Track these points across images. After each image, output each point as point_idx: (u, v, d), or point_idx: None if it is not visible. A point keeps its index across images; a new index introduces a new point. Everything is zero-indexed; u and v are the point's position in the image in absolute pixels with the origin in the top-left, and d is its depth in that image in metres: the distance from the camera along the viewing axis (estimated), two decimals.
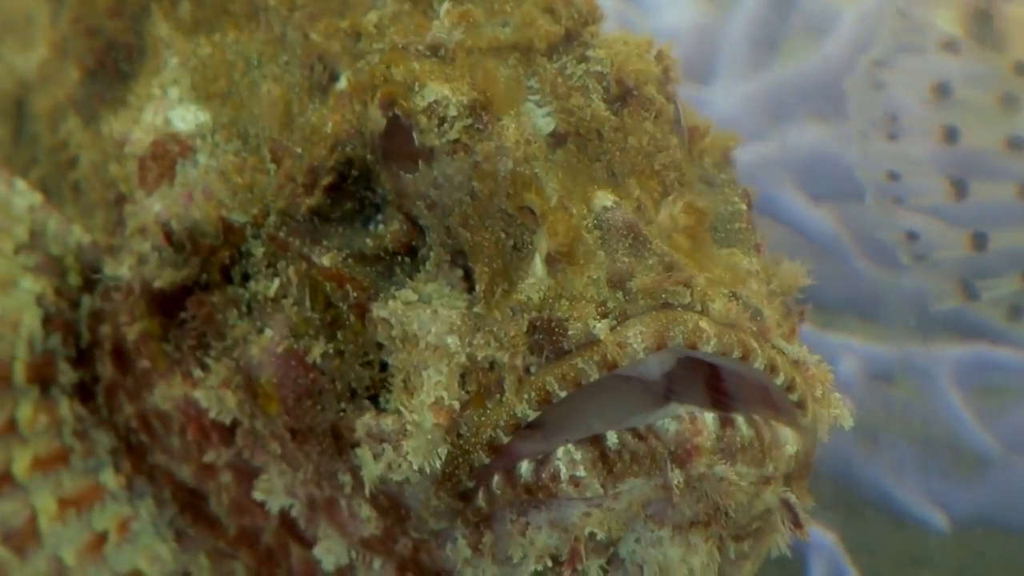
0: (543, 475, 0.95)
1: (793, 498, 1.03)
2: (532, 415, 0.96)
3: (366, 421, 1.06)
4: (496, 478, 0.98)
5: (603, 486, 0.94)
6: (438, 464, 1.00)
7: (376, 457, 1.05)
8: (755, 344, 0.99)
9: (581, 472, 0.93)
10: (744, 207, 1.25)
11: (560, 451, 0.95)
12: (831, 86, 2.44)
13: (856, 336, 2.42)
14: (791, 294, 1.23)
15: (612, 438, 0.94)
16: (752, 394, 1.03)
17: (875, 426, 2.38)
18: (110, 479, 1.40)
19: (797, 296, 1.25)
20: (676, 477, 0.92)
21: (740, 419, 0.97)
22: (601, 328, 0.94)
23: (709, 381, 1.03)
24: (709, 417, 0.95)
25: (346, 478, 1.11)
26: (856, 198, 2.23)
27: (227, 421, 1.21)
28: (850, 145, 2.44)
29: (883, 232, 2.07)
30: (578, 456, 0.94)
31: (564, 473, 0.94)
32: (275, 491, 1.21)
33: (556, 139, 1.08)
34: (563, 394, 0.94)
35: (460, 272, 1.07)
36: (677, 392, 0.99)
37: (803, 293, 1.27)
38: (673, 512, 0.95)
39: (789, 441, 1.01)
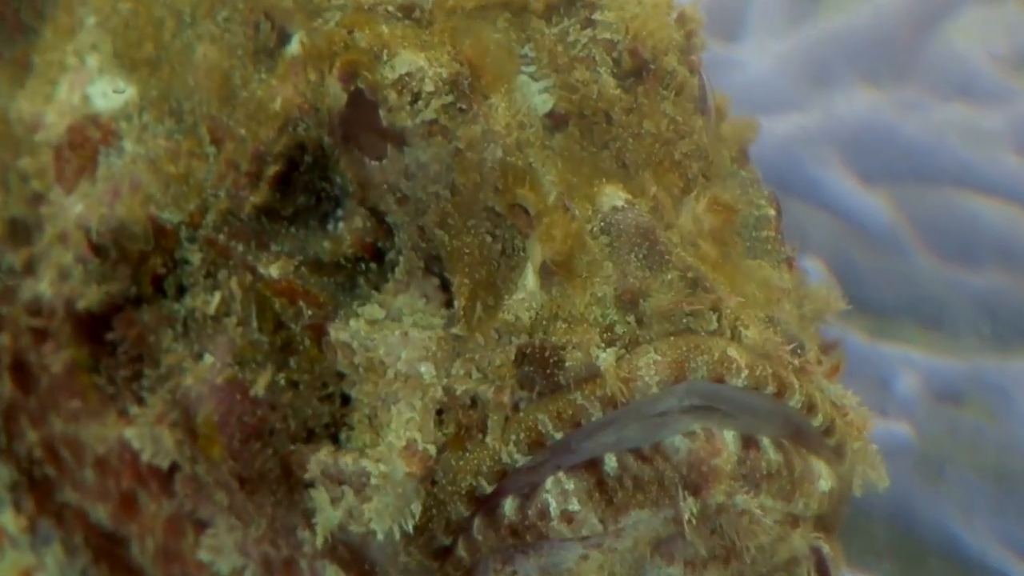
0: (530, 512, 0.94)
1: (826, 549, 1.03)
2: (521, 461, 0.95)
3: (322, 457, 1.06)
4: (477, 521, 0.98)
5: (602, 521, 0.93)
6: (410, 525, 0.99)
7: (334, 502, 1.04)
8: (792, 378, 0.98)
9: (575, 505, 0.93)
10: (772, 212, 1.24)
11: (549, 482, 0.94)
12: (885, 43, 2.45)
13: (917, 347, 2.41)
14: (822, 321, 1.23)
15: (611, 462, 0.93)
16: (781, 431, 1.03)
17: (940, 457, 2.34)
18: (9, 521, 1.39)
19: (828, 327, 1.25)
20: (689, 507, 0.92)
21: (766, 440, 0.96)
22: (606, 358, 0.93)
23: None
24: (729, 435, 0.94)
25: (306, 535, 1.10)
26: (917, 179, 2.24)
27: (164, 465, 1.20)
28: (910, 114, 2.45)
29: (951, 221, 2.07)
30: (570, 486, 0.93)
31: (554, 508, 0.93)
32: (224, 549, 1.20)
33: (555, 122, 1.07)
34: (558, 436, 0.93)
35: (436, 281, 1.06)
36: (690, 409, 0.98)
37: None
38: (685, 547, 0.94)
39: (823, 475, 1.01)
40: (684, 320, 0.94)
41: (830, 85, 2.59)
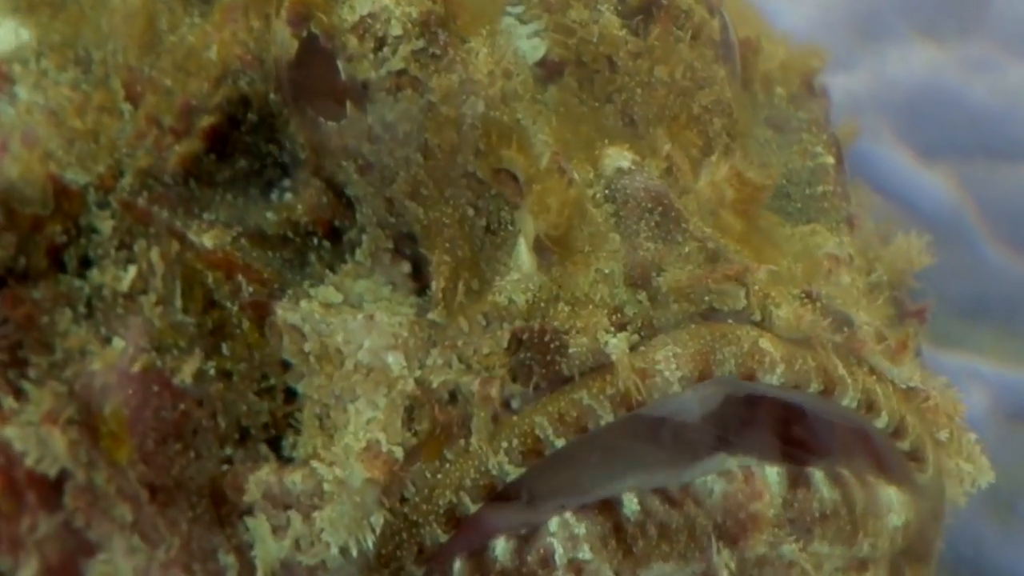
0: (529, 558, 0.94)
1: None
2: (514, 473, 0.94)
3: (263, 477, 1.05)
4: (458, 563, 0.97)
5: (618, 575, 0.92)
6: (370, 542, 0.98)
7: (277, 531, 1.04)
8: (843, 370, 0.97)
9: (586, 554, 0.92)
10: (831, 160, 1.24)
11: (554, 522, 0.94)
12: None
13: (987, 357, 2.41)
14: (904, 286, 1.23)
15: (631, 503, 0.93)
16: (844, 443, 1.02)
17: (1013, 490, 2.31)
18: None
19: (914, 288, 1.25)
20: (724, 561, 0.91)
21: (818, 475, 0.96)
22: (616, 345, 0.92)
23: (778, 429, 1.02)
24: (772, 472, 0.94)
25: (230, 559, 1.10)
26: (986, 153, 2.24)
27: (52, 473, 1.20)
28: (977, 75, 2.45)
29: None
30: (580, 529, 0.93)
31: (560, 555, 0.93)
32: None
33: (548, 70, 1.07)
34: (559, 442, 0.93)
35: (407, 266, 1.06)
36: (727, 443, 0.98)
37: (922, 283, 1.26)
38: None
39: (894, 507, 1.01)
40: (706, 298, 0.94)
41: (881, 40, 2.59)
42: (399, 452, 0.98)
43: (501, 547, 0.95)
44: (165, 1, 1.21)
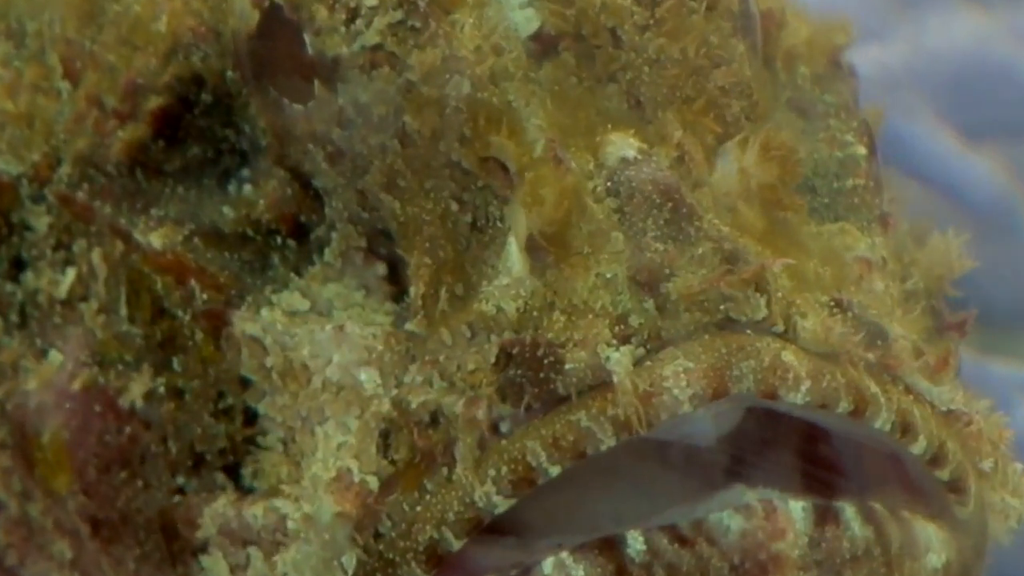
0: None
1: None
2: (503, 505, 0.94)
3: (219, 510, 1.05)
4: None
5: None
6: None
7: (235, 570, 1.04)
8: (875, 388, 0.97)
9: None
10: (862, 151, 1.24)
11: (549, 563, 0.93)
12: None
13: None
14: (942, 294, 1.23)
15: (636, 543, 0.92)
16: (877, 470, 1.02)
17: None
18: None
19: (954, 296, 1.24)
20: None
21: (849, 511, 0.95)
22: (619, 360, 0.92)
23: (801, 448, 1.02)
24: (797, 507, 0.94)
25: None
26: None
27: None
28: None
29: None
30: (579, 572, 0.92)
31: None
32: None
33: (543, 45, 1.06)
34: (554, 470, 0.92)
35: (382, 267, 1.06)
36: (745, 466, 0.98)
37: (963, 291, 1.26)
38: None
39: (933, 546, 1.01)
40: (722, 306, 0.93)
41: (920, 6, 2.59)
42: (373, 482, 0.97)
43: None
44: None
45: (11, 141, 1.18)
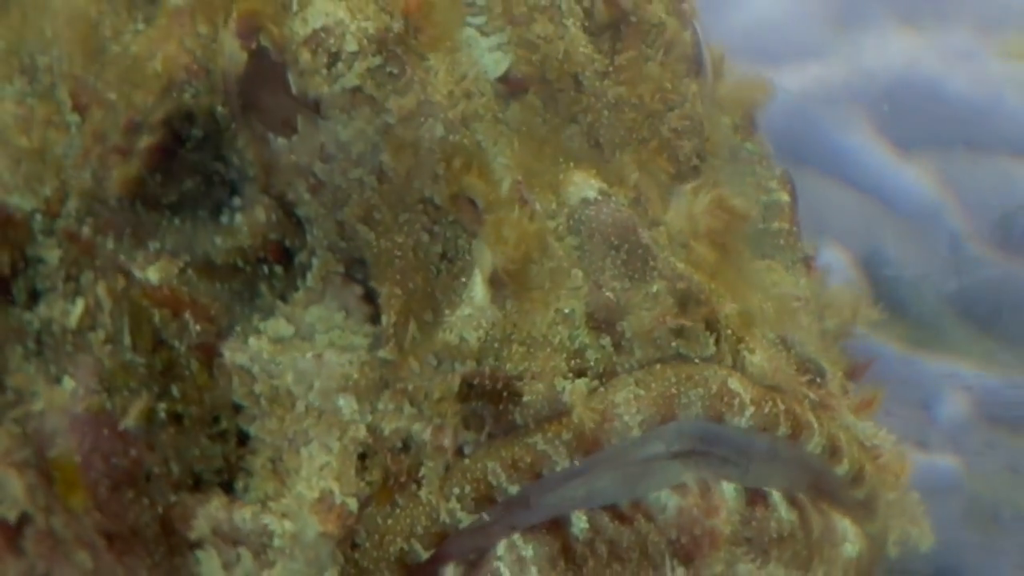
0: None
1: None
2: (466, 520, 0.94)
3: (212, 512, 1.05)
4: None
5: None
6: None
7: (227, 567, 1.04)
8: (810, 416, 0.98)
9: None
10: (785, 198, 1.24)
11: (501, 546, 0.93)
12: None
13: (968, 360, 2.41)
14: (849, 335, 1.24)
15: (579, 522, 0.92)
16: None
17: (996, 500, 2.31)
18: None
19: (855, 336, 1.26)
20: None
21: (776, 495, 0.96)
22: (574, 390, 0.92)
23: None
24: (729, 488, 0.94)
25: None
26: (967, 145, 2.25)
27: (12, 517, 1.19)
28: (957, 65, 2.46)
29: (1009, 198, 2.08)
30: (528, 552, 0.92)
31: None
32: None
33: (510, 88, 1.05)
34: (513, 489, 0.92)
35: (359, 290, 1.04)
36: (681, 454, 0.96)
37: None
38: None
39: (849, 537, 1.02)
40: (673, 344, 0.93)
41: (857, 28, 2.60)
42: (353, 504, 0.97)
43: (450, 574, 0.95)
44: (109, 2, 1.19)
45: (27, 176, 1.16)
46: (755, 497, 0.94)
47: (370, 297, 1.04)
